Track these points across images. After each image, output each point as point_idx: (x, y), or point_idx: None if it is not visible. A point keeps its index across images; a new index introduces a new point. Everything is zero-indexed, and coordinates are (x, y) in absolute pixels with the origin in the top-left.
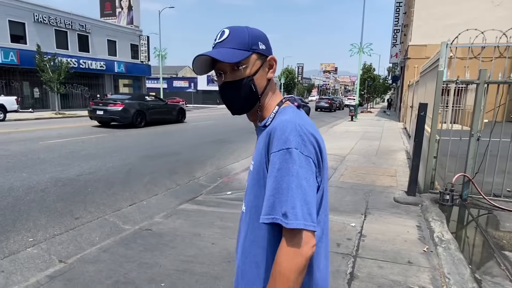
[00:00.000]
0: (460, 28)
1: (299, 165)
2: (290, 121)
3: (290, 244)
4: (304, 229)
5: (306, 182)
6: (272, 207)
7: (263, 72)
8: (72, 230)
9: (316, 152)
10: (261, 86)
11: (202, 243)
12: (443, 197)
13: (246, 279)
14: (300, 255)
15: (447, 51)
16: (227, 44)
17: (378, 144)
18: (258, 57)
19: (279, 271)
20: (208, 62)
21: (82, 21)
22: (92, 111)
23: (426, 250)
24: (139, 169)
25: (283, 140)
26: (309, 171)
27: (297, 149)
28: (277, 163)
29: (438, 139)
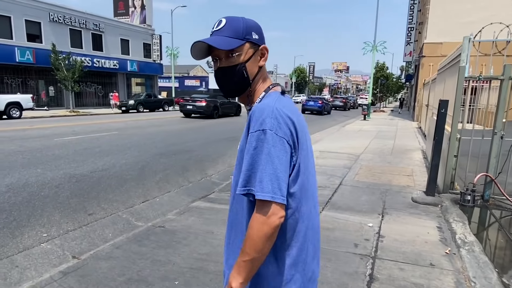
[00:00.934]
0: (477, 25)
1: (272, 144)
2: (268, 104)
3: (259, 213)
4: (273, 201)
5: (278, 160)
6: (247, 180)
7: (255, 60)
8: (86, 226)
9: (292, 134)
10: (253, 72)
11: (215, 241)
12: (464, 198)
13: (232, 245)
14: (267, 224)
15: (470, 46)
16: (223, 33)
17: (392, 143)
18: (251, 46)
19: (249, 235)
20: (205, 49)
21: (96, 21)
22: (182, 106)
23: (448, 252)
24: (152, 167)
25: (260, 122)
26: (282, 150)
27: (272, 130)
28: (253, 142)
29: (459, 137)
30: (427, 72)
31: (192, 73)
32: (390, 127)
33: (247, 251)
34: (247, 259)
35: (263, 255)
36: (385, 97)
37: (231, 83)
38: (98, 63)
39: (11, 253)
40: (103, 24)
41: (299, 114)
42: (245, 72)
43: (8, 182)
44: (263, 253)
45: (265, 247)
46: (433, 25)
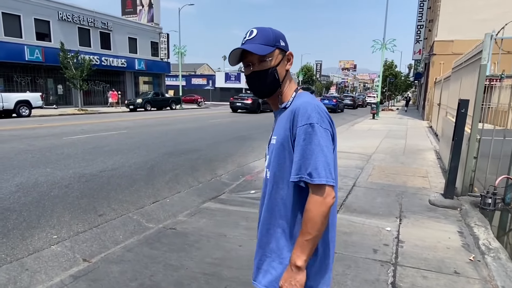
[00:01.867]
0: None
1: (320, 135)
2: (310, 102)
3: (316, 196)
4: (326, 184)
5: (326, 149)
6: (299, 169)
7: (283, 64)
8: (96, 227)
9: (331, 126)
10: (282, 75)
11: (228, 244)
12: (484, 201)
13: (271, 231)
14: (325, 204)
15: (492, 43)
16: (256, 41)
17: (404, 143)
18: (280, 52)
19: (310, 216)
20: (238, 55)
21: (104, 19)
22: (232, 103)
23: (472, 259)
24: (161, 166)
25: (306, 117)
26: (328, 140)
27: (318, 123)
28: (302, 135)
29: (479, 138)
30: (438, 71)
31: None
32: (400, 126)
33: (308, 231)
34: (309, 238)
35: (321, 233)
36: (394, 96)
37: (264, 85)
38: (106, 62)
39: (21, 256)
40: (111, 22)
41: None
42: (276, 74)
43: (18, 182)
44: (321, 231)
45: (323, 225)
46: (444, 23)
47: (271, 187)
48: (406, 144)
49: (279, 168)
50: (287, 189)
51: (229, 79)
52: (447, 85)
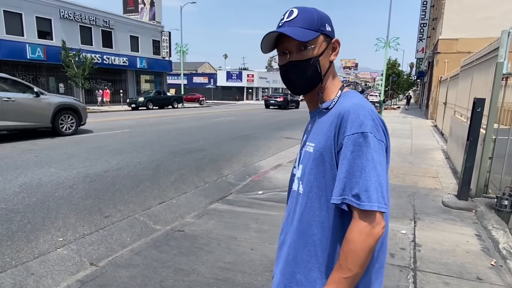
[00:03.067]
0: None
1: (374, 149)
2: (362, 105)
3: (363, 224)
4: (377, 211)
5: (380, 166)
6: (343, 188)
7: (327, 53)
8: (102, 229)
9: (386, 137)
10: (325, 67)
11: (240, 248)
12: (500, 203)
13: (300, 259)
14: (373, 236)
15: (509, 40)
16: (297, 23)
17: (410, 142)
18: (325, 38)
19: (352, 249)
20: (273, 40)
21: (106, 17)
22: (267, 101)
23: (494, 264)
24: (166, 166)
25: (358, 124)
26: (382, 155)
27: (372, 133)
28: (350, 146)
29: (495, 138)
30: (442, 69)
31: (200, 70)
32: (404, 125)
33: (349, 267)
34: (350, 276)
35: (364, 270)
36: (396, 95)
37: (303, 79)
38: (108, 60)
39: (26, 259)
40: (112, 20)
41: None
42: (318, 66)
43: (22, 182)
44: (364, 268)
45: (367, 261)
46: (448, 21)
47: (304, 205)
48: (413, 144)
49: (318, 184)
50: (326, 211)
51: (231, 78)
52: (455, 83)
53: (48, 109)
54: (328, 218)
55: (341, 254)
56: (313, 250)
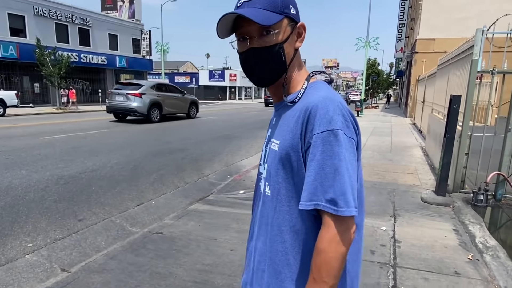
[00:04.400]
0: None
1: (345, 148)
2: (331, 99)
3: (335, 232)
4: (351, 216)
5: (351, 166)
6: (314, 193)
7: (292, 40)
8: (76, 233)
9: (356, 134)
10: (290, 55)
11: (219, 249)
12: (476, 198)
13: (271, 268)
14: (346, 242)
15: (483, 38)
16: (257, 4)
17: (390, 140)
18: (289, 22)
19: (324, 260)
20: (230, 24)
21: (83, 15)
22: (266, 100)
23: (471, 258)
24: (145, 166)
25: (327, 120)
26: (353, 153)
27: (342, 130)
28: (320, 145)
29: (470, 134)
30: (420, 68)
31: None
32: (385, 123)
33: (324, 280)
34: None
35: (339, 280)
36: (376, 94)
37: (265, 68)
38: (85, 59)
39: None
40: (90, 18)
41: None
42: (283, 54)
43: None
44: (339, 278)
45: (341, 270)
46: (425, 21)
47: (273, 209)
48: (393, 141)
49: (286, 185)
50: (297, 215)
51: (213, 77)
52: (432, 82)
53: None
54: (299, 222)
55: (313, 267)
56: (285, 258)
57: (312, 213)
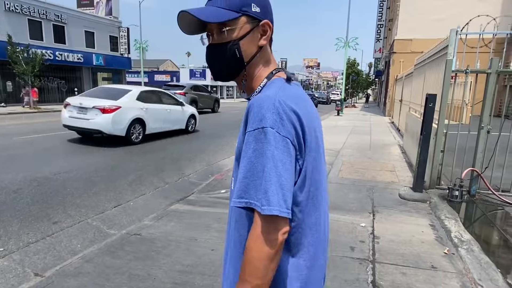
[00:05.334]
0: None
1: (275, 146)
2: (270, 96)
3: (260, 230)
4: (278, 216)
5: (282, 165)
6: (245, 190)
7: (252, 37)
8: (50, 237)
9: (297, 132)
10: (249, 53)
11: (200, 249)
12: (452, 193)
13: (233, 259)
14: (270, 243)
15: (457, 38)
16: (217, 3)
17: (369, 139)
18: (249, 20)
19: (248, 258)
20: (198, 22)
21: (58, 11)
22: None
23: (447, 253)
24: (123, 167)
25: (259, 118)
26: (286, 153)
27: (273, 128)
28: (252, 143)
29: (446, 132)
30: (398, 68)
31: (162, 67)
32: (364, 122)
33: (247, 279)
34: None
35: (267, 281)
36: (356, 93)
37: (221, 64)
38: (60, 57)
39: None
40: (65, 15)
41: (309, 105)
42: (237, 51)
43: None
44: (268, 279)
45: (269, 271)
46: (403, 22)
47: (236, 210)
48: (372, 140)
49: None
50: (240, 210)
51: (194, 76)
52: (409, 81)
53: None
54: (242, 217)
55: (241, 263)
56: (239, 249)
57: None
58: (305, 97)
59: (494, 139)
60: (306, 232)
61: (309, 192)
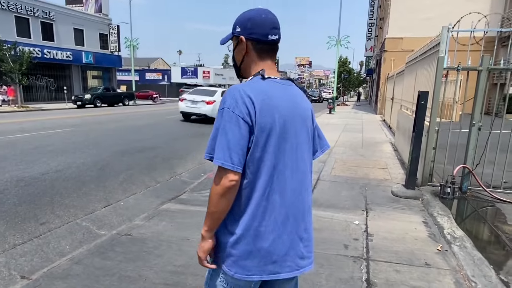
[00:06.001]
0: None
1: (226, 120)
2: (236, 87)
3: (216, 175)
4: (223, 167)
5: (231, 133)
6: (209, 149)
7: (239, 48)
8: (37, 238)
9: (249, 113)
10: (238, 59)
11: (192, 249)
12: (444, 190)
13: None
14: (220, 185)
15: (449, 36)
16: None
17: (361, 136)
18: (235, 38)
19: (210, 193)
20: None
21: (46, 8)
22: None
23: (440, 249)
24: (114, 166)
25: (223, 102)
26: (236, 126)
27: (229, 108)
28: (217, 118)
29: (438, 129)
30: (389, 66)
31: (153, 66)
32: (356, 120)
33: (208, 205)
34: (208, 212)
35: (219, 211)
36: (348, 91)
37: (233, 66)
38: (49, 54)
39: None
40: (53, 12)
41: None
42: (234, 58)
43: None
44: (219, 209)
45: (219, 204)
46: (394, 21)
47: None
48: (364, 137)
49: None
50: None
51: (186, 74)
52: (401, 79)
53: None
54: None
55: None
56: None
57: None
58: (274, 92)
59: (485, 136)
60: (255, 192)
61: (262, 161)
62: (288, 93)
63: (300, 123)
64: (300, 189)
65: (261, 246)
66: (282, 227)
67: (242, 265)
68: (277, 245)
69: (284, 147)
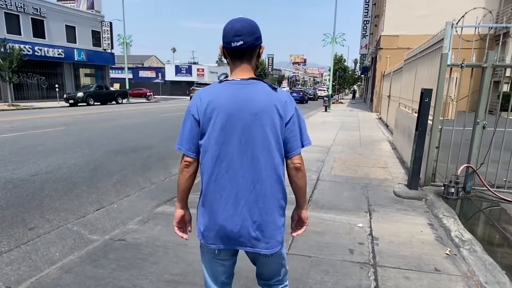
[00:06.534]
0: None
1: (186, 117)
2: (199, 91)
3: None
4: (180, 151)
5: (184, 125)
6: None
7: (225, 56)
8: (25, 244)
9: (198, 111)
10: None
11: (190, 255)
12: (447, 190)
13: None
14: (180, 164)
15: (453, 32)
16: None
17: (358, 135)
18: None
19: None
20: None
21: (36, 4)
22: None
23: (449, 254)
24: (106, 167)
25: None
26: (188, 120)
27: (188, 108)
28: None
29: (441, 128)
30: (385, 64)
31: (147, 63)
32: (352, 118)
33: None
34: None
35: (179, 184)
36: (343, 89)
37: None
38: (40, 52)
39: None
40: (44, 8)
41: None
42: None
43: None
44: (179, 183)
45: (179, 179)
46: (389, 18)
47: None
48: (361, 136)
49: None
50: None
51: (180, 72)
52: (398, 77)
53: None
54: None
55: None
56: None
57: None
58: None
59: (488, 135)
60: (204, 175)
61: (207, 151)
62: (240, 92)
63: (250, 119)
64: (252, 178)
65: (215, 222)
66: (233, 209)
67: (205, 235)
68: (228, 223)
69: (230, 139)
